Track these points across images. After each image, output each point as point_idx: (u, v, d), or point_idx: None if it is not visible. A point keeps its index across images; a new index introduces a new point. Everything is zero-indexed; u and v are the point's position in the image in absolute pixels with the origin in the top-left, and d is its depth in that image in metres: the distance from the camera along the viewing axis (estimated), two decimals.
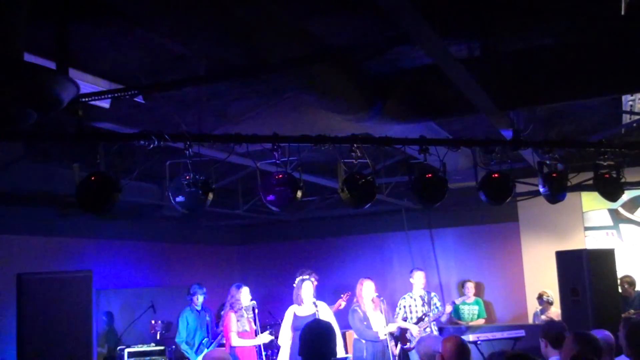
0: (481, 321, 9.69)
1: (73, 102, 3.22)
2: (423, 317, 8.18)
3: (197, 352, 8.24)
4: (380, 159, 8.04)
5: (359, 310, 7.78)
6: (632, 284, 8.54)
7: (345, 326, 8.22)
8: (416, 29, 3.29)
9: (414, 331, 8.09)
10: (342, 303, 8.11)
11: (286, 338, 7.28)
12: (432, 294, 8.56)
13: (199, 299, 8.47)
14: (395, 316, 8.33)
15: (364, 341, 7.73)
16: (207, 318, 8.57)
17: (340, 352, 7.48)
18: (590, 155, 6.13)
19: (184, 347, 8.29)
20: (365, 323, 7.72)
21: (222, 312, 7.85)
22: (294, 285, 7.62)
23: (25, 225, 8.41)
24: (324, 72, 4.32)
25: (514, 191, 5.34)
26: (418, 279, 8.51)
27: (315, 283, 8.75)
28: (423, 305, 8.30)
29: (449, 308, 8.45)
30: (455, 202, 7.87)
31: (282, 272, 10.95)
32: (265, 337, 7.63)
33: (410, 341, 8.12)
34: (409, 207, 10.29)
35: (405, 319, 8.25)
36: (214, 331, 8.53)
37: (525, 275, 9.98)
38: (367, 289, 7.81)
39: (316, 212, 10.58)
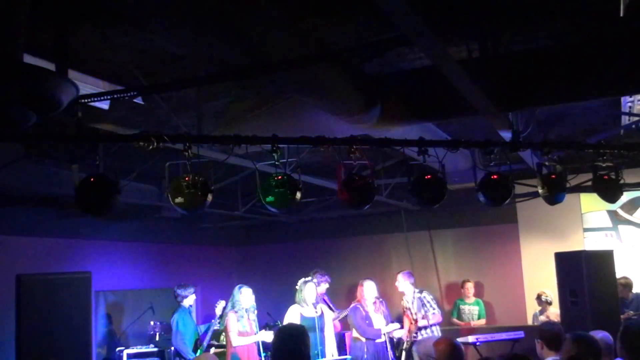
0: (482, 322, 9.68)
1: (72, 103, 3.22)
2: (422, 318, 8.15)
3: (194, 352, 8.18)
4: (380, 160, 8.04)
5: (361, 309, 7.82)
6: (628, 285, 8.53)
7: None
8: (415, 30, 3.29)
9: (397, 334, 8.02)
10: None
11: None
12: (424, 292, 8.31)
13: (191, 298, 8.36)
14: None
15: (364, 339, 7.72)
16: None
17: None
18: (589, 157, 6.14)
19: (185, 348, 7.96)
20: (367, 322, 7.76)
21: (223, 312, 7.85)
22: (297, 287, 7.61)
23: (25, 226, 8.39)
24: (323, 74, 4.31)
25: (513, 192, 5.35)
26: (402, 285, 8.33)
27: (327, 286, 8.73)
28: (420, 309, 8.25)
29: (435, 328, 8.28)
30: (454, 203, 7.84)
31: (281, 273, 10.94)
32: (267, 335, 7.61)
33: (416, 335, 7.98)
34: (408, 209, 10.28)
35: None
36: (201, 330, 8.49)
37: (524, 276, 9.98)
38: (369, 289, 7.83)
39: (315, 213, 10.58)
